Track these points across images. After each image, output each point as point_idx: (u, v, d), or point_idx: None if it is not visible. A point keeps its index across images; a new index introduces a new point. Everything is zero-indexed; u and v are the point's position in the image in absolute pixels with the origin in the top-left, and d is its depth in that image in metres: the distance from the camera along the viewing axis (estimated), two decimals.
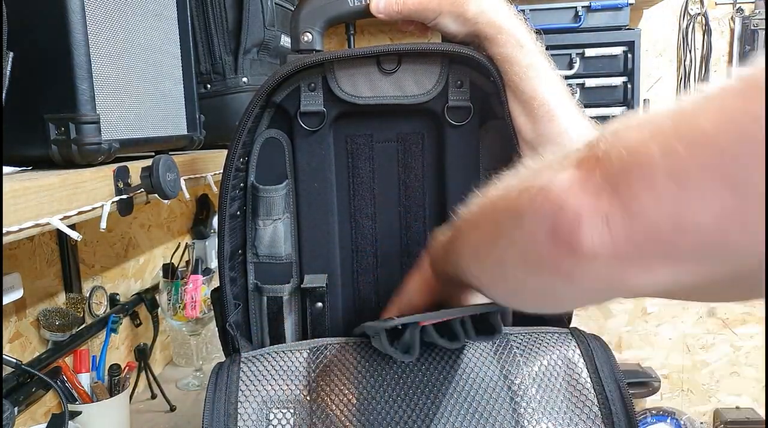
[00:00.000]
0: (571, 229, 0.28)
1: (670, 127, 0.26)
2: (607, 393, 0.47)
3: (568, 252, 0.29)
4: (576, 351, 0.50)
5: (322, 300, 0.56)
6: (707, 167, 0.25)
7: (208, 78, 0.85)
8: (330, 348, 0.50)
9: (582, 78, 1.75)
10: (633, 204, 0.27)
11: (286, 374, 0.48)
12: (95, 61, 0.50)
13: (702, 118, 0.25)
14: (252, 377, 0.48)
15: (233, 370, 0.48)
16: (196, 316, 1.07)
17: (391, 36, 1.96)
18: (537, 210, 0.30)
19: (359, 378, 0.48)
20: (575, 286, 0.31)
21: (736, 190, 0.24)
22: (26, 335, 0.88)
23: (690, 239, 0.26)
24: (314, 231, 0.57)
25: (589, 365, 0.49)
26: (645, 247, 0.27)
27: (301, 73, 0.54)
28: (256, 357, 0.50)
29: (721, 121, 0.25)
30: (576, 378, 0.48)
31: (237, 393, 0.46)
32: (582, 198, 0.28)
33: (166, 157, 0.54)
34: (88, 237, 1.05)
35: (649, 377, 1.94)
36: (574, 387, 0.48)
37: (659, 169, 0.26)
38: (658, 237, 0.26)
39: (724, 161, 0.24)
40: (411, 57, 0.54)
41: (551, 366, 0.48)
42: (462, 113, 0.55)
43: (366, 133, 0.57)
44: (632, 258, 0.28)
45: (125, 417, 0.95)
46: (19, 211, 0.38)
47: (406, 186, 0.58)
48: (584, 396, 0.47)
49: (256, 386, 0.47)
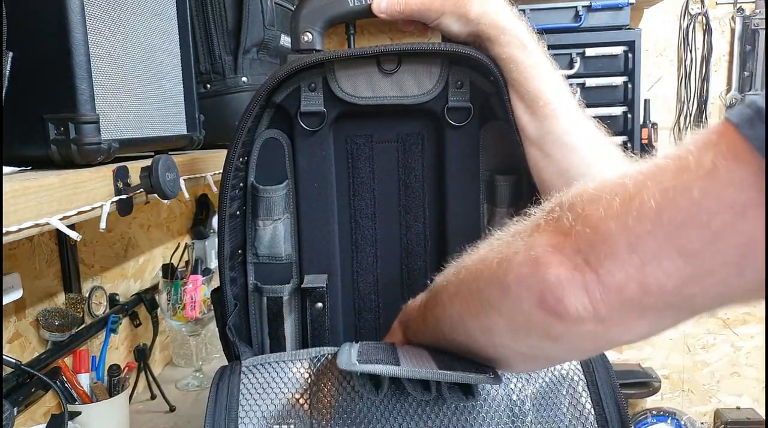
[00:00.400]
0: (557, 299, 0.32)
1: (620, 206, 0.31)
2: (606, 414, 0.48)
3: (557, 319, 0.32)
4: (577, 369, 0.50)
5: (322, 300, 0.56)
6: (659, 240, 0.29)
7: (207, 78, 0.85)
8: (330, 358, 0.50)
9: (582, 78, 1.74)
10: (605, 275, 0.31)
11: (286, 386, 0.48)
12: (95, 61, 0.50)
13: (645, 196, 0.29)
14: (252, 390, 0.47)
15: (234, 382, 0.48)
16: (195, 317, 1.07)
17: (391, 36, 1.96)
18: (522, 282, 0.34)
19: (359, 389, 0.47)
20: (563, 346, 0.35)
21: (688, 259, 0.28)
22: (26, 335, 0.88)
23: (658, 300, 0.30)
24: (314, 232, 0.57)
25: (590, 384, 0.49)
26: (621, 310, 0.31)
27: (301, 73, 0.54)
28: (256, 368, 0.49)
29: (663, 200, 0.29)
30: (574, 395, 0.49)
31: (237, 408, 0.46)
32: (562, 271, 0.32)
33: (166, 157, 0.54)
34: (87, 238, 1.05)
35: (650, 377, 1.94)
36: (575, 407, 0.48)
37: (620, 244, 0.30)
38: (631, 301, 0.30)
39: (672, 235, 0.28)
40: (411, 57, 0.54)
41: (552, 384, 0.49)
42: (462, 114, 0.55)
43: (366, 134, 0.57)
44: (612, 319, 0.32)
45: (125, 418, 0.95)
46: (19, 211, 0.38)
47: (406, 186, 0.58)
48: (584, 417, 0.48)
49: (256, 400, 0.47)
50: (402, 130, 0.57)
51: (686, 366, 2.07)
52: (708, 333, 2.05)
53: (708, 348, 2.05)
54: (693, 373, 2.07)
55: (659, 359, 2.06)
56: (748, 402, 2.06)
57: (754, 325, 2.02)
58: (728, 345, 2.04)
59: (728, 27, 1.86)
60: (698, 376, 2.07)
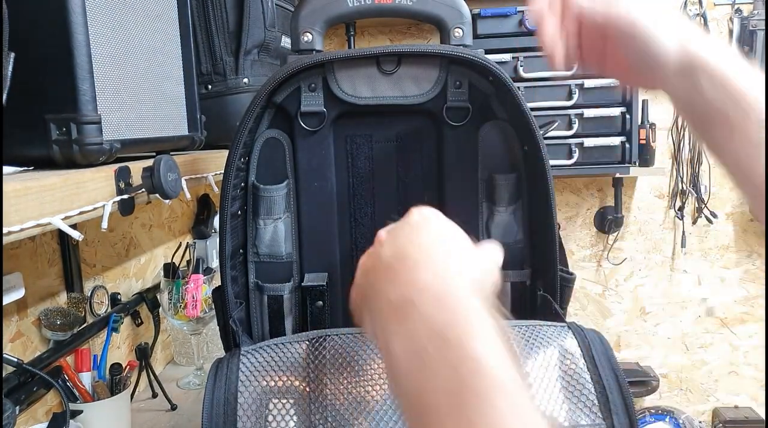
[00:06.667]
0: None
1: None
2: (604, 381, 0.47)
3: None
4: (573, 341, 0.50)
5: (323, 298, 0.56)
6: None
7: (209, 78, 0.86)
8: (329, 339, 0.51)
9: (581, 79, 1.75)
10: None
11: (285, 365, 0.48)
12: (96, 62, 0.50)
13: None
14: (252, 368, 0.48)
15: (233, 362, 0.48)
16: (197, 315, 1.07)
17: (391, 37, 1.97)
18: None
19: (357, 368, 0.48)
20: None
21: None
22: (28, 334, 0.89)
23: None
24: (314, 231, 0.57)
25: (585, 355, 0.49)
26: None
27: (301, 73, 0.54)
28: (255, 350, 0.50)
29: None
30: (573, 368, 0.48)
31: (237, 383, 0.47)
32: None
33: (167, 157, 0.54)
34: (89, 237, 1.05)
35: (648, 376, 1.95)
36: (571, 377, 0.48)
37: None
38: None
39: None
40: (410, 58, 0.54)
41: (548, 357, 0.49)
42: (460, 113, 0.56)
43: (366, 133, 0.58)
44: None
45: (126, 416, 0.95)
46: (21, 211, 0.39)
47: (405, 185, 0.58)
48: (581, 386, 0.47)
49: (255, 377, 0.47)
50: (401, 130, 0.58)
51: (684, 365, 2.07)
52: (706, 332, 2.05)
53: (706, 348, 2.06)
54: (691, 372, 2.07)
55: (657, 358, 2.07)
56: (746, 401, 2.06)
57: (752, 325, 2.03)
58: (726, 345, 2.05)
59: (726, 28, 1.86)
60: (696, 375, 2.07)
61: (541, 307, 0.57)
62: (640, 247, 2.04)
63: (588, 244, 2.06)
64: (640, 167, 1.79)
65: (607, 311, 2.06)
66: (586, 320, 2.02)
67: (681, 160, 1.97)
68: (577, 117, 1.77)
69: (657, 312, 2.06)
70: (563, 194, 2.03)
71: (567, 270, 0.55)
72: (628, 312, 2.06)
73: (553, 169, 0.53)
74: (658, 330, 2.06)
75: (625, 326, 2.07)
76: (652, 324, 2.07)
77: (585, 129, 1.78)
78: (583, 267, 2.06)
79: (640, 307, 2.06)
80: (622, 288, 2.06)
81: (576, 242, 2.05)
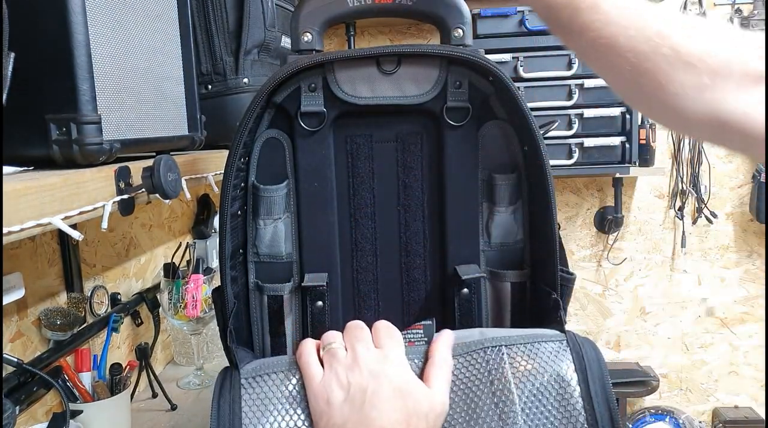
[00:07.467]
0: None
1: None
2: (598, 416, 0.48)
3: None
4: (570, 367, 0.50)
5: (323, 298, 0.56)
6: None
7: (209, 78, 0.86)
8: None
9: (581, 79, 1.75)
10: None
11: (287, 401, 0.48)
12: (96, 62, 0.50)
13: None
14: (254, 406, 0.48)
15: (234, 396, 0.48)
16: (197, 315, 1.07)
17: (391, 37, 1.97)
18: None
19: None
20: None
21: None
22: (27, 334, 0.89)
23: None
24: (314, 231, 0.57)
25: (581, 382, 0.49)
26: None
27: (301, 73, 0.54)
28: (255, 380, 0.49)
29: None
30: (567, 398, 0.49)
31: (240, 427, 0.47)
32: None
33: (167, 157, 0.54)
34: (89, 237, 1.05)
35: (648, 376, 1.95)
36: (565, 408, 0.48)
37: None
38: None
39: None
40: (410, 58, 0.54)
41: (544, 385, 0.49)
42: (460, 113, 0.56)
43: (366, 133, 0.58)
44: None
45: (126, 416, 0.95)
46: (21, 211, 0.39)
47: (405, 185, 0.58)
48: (575, 418, 0.48)
49: (259, 418, 0.47)
50: (401, 130, 0.58)
51: (684, 365, 2.07)
52: (706, 332, 2.05)
53: (706, 348, 2.06)
54: (691, 372, 2.07)
55: (657, 358, 2.07)
56: (746, 401, 2.06)
57: (752, 324, 2.03)
58: (726, 345, 2.05)
59: None
60: (696, 375, 2.07)
61: (541, 303, 0.56)
62: (640, 247, 2.04)
63: (588, 244, 2.06)
64: (640, 167, 1.79)
65: (607, 311, 2.06)
66: (586, 320, 2.03)
67: (681, 159, 1.97)
68: (577, 117, 1.77)
69: (657, 312, 2.06)
70: (563, 194, 2.03)
71: (567, 270, 0.55)
72: (628, 312, 2.06)
73: (553, 169, 0.53)
74: (658, 330, 2.07)
75: (625, 326, 2.07)
76: (652, 324, 2.07)
77: (585, 129, 1.78)
78: (583, 267, 2.06)
79: (640, 307, 2.06)
80: (622, 288, 2.06)
81: (576, 242, 2.05)
